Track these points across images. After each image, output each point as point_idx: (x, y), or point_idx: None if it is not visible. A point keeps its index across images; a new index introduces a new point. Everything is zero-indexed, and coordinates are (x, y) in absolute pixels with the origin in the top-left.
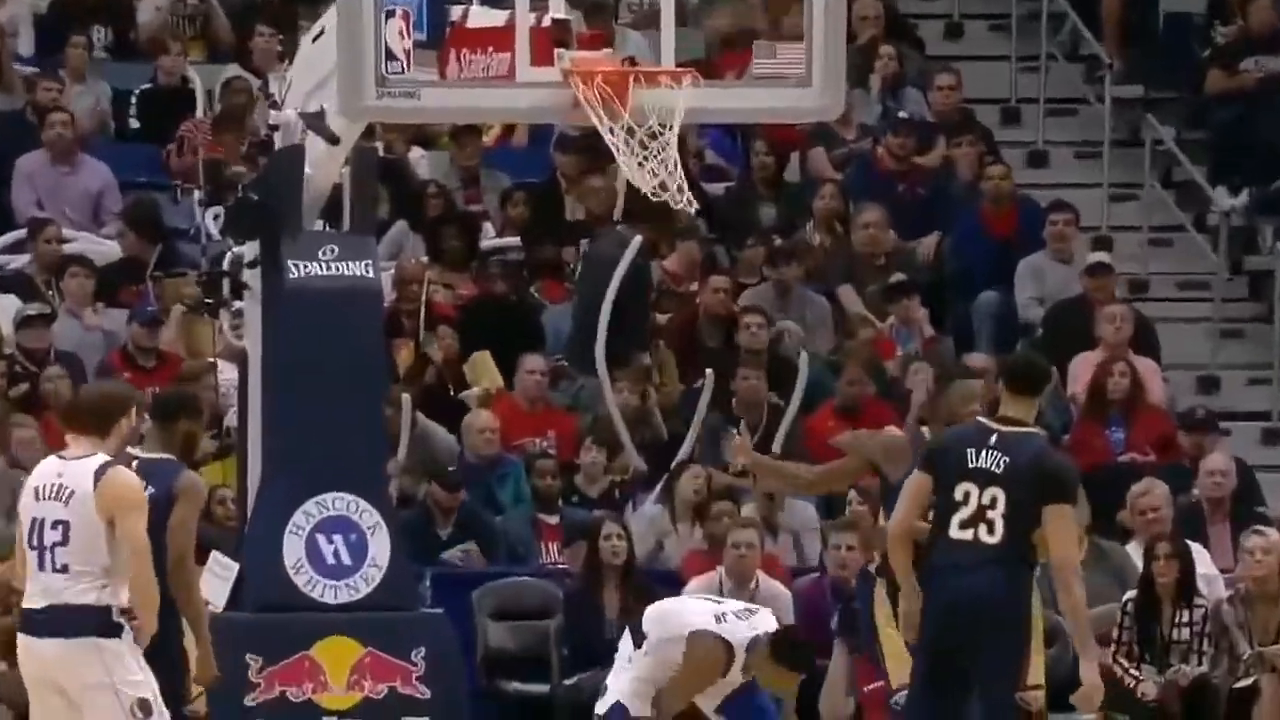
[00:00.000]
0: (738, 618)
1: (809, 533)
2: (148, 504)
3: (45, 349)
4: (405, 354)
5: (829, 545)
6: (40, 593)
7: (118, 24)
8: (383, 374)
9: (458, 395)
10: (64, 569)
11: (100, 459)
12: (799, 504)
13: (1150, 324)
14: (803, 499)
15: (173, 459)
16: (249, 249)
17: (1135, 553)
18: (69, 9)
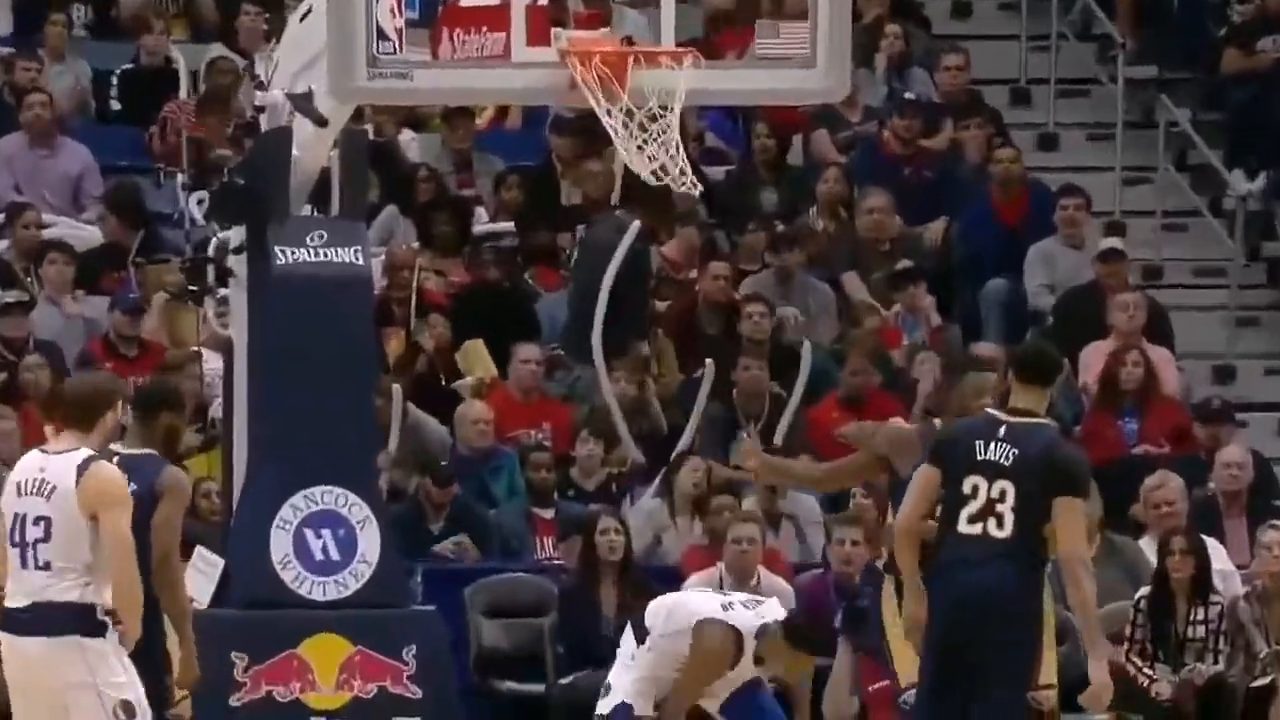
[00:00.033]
0: (745, 607)
1: (812, 526)
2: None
3: (24, 338)
4: (396, 343)
5: (833, 540)
6: (22, 591)
7: (98, 1)
8: (372, 364)
9: (450, 385)
10: (46, 566)
11: (83, 454)
12: (801, 496)
13: (1164, 312)
14: (806, 491)
15: (155, 454)
16: (234, 234)
17: (1149, 548)
18: None
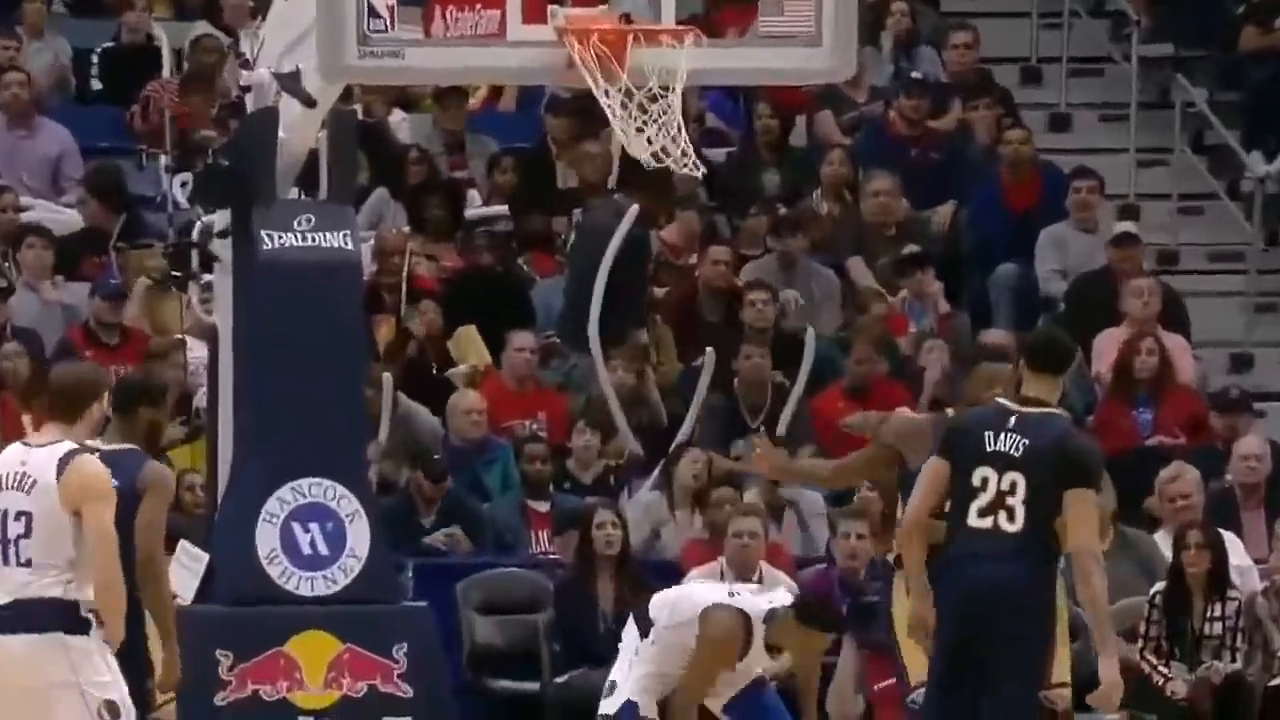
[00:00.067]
0: (751, 594)
1: (815, 519)
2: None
3: (1, 325)
4: (386, 330)
5: (837, 534)
6: (3, 589)
7: None
8: (362, 352)
9: (442, 374)
10: (28, 563)
11: (66, 447)
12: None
13: (1180, 298)
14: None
15: (136, 449)
16: (219, 218)
17: (1164, 542)
18: None
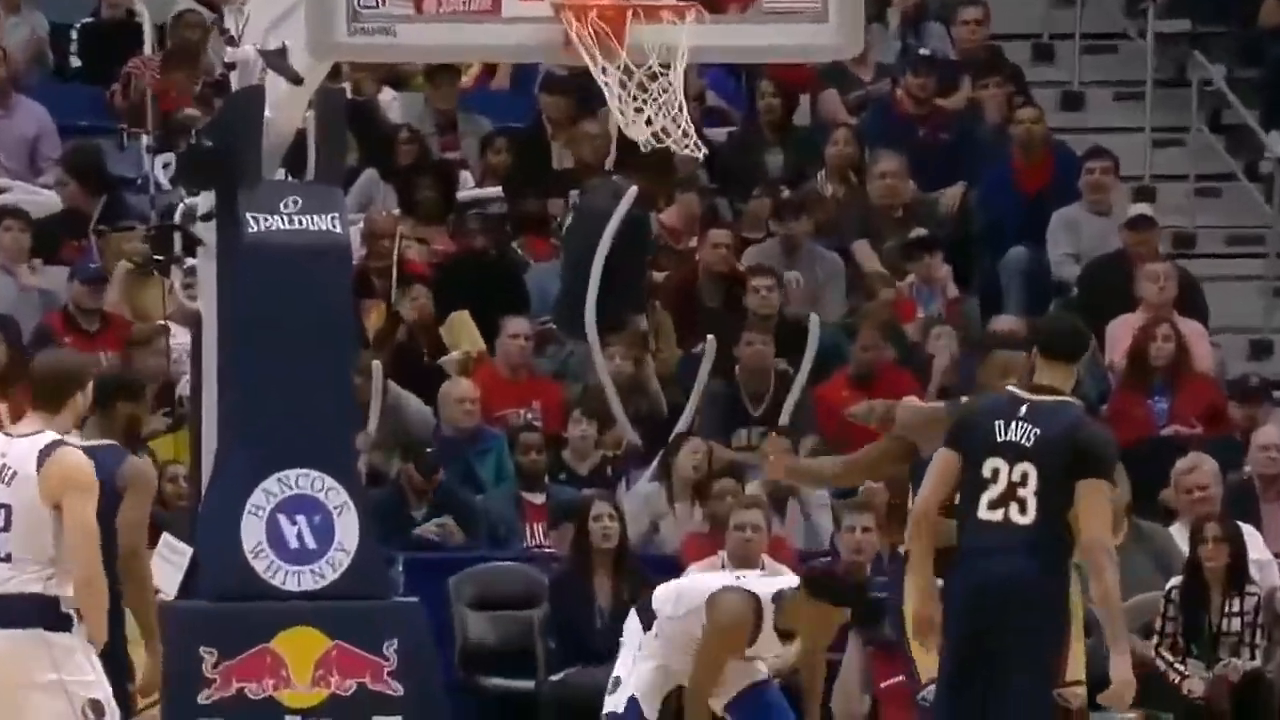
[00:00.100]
0: (758, 579)
1: (819, 510)
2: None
3: None
4: (375, 316)
5: (842, 527)
6: None
7: None
8: (351, 338)
9: (434, 362)
10: (7, 558)
11: (48, 437)
12: None
13: (1197, 283)
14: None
15: (116, 445)
16: (202, 200)
17: (1180, 535)
18: None
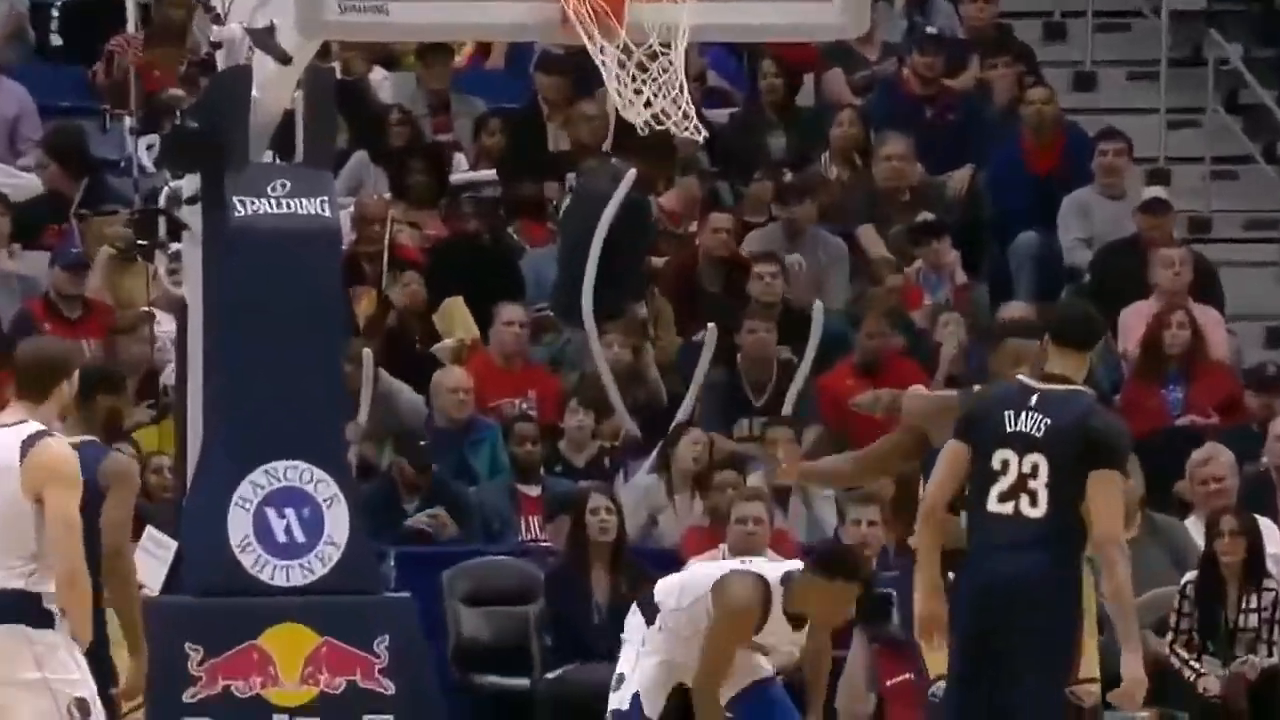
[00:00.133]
0: (764, 563)
1: (823, 502)
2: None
3: None
4: (366, 303)
5: (847, 520)
6: None
7: None
8: (341, 326)
9: (426, 350)
10: None
11: (32, 427)
12: None
13: (1213, 268)
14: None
15: (95, 441)
16: (188, 183)
17: (1195, 529)
18: None
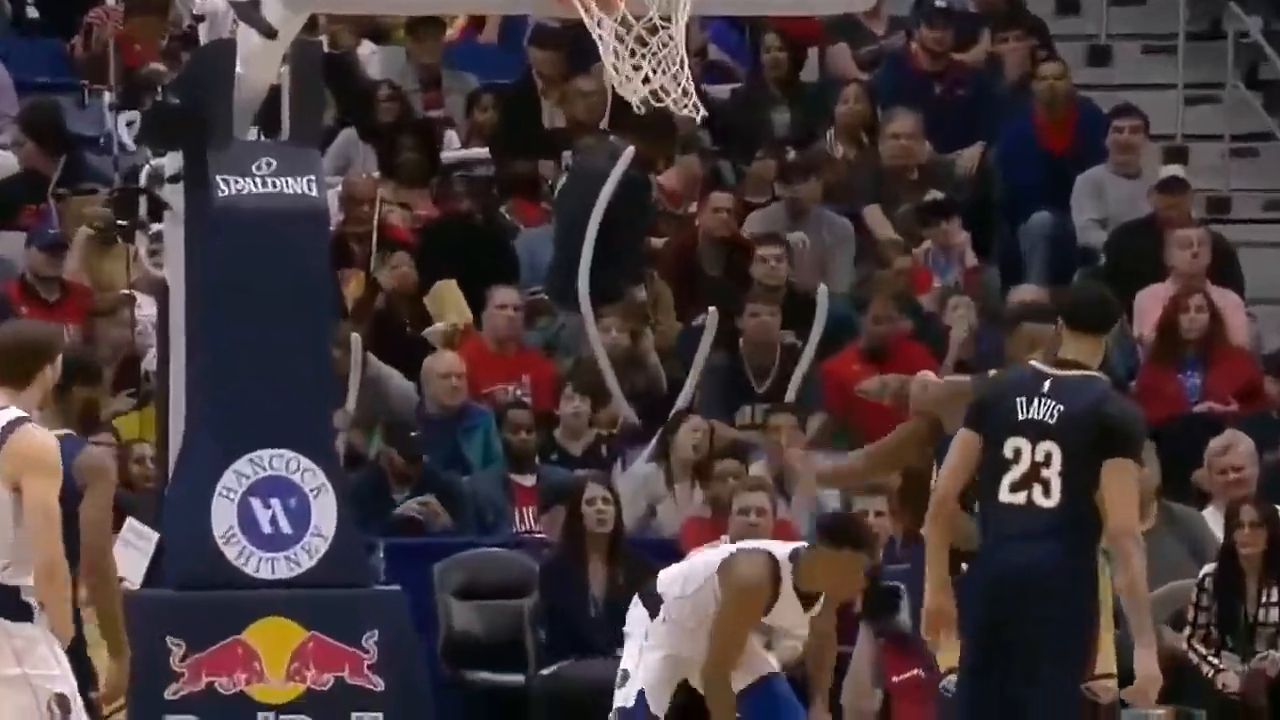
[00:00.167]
0: (772, 542)
1: (827, 494)
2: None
3: None
4: (355, 285)
5: (853, 511)
6: None
7: None
8: (328, 309)
9: (417, 334)
10: None
11: (12, 414)
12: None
13: (1232, 250)
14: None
15: (72, 434)
16: (169, 161)
17: (1214, 520)
18: None
